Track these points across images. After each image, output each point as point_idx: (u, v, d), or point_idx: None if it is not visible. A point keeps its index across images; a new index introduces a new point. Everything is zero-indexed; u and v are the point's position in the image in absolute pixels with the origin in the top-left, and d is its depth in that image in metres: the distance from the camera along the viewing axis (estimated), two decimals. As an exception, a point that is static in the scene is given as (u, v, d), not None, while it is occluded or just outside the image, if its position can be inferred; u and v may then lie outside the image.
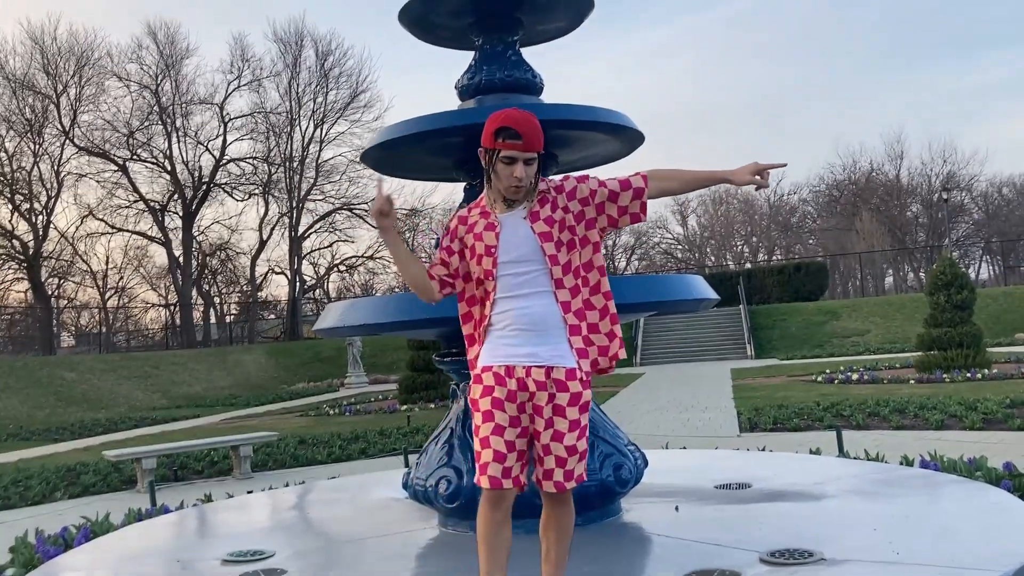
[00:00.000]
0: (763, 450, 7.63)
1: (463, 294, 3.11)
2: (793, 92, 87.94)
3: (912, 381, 15.47)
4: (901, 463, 6.31)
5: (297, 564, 4.27)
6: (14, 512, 8.46)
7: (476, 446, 2.93)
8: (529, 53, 5.29)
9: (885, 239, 53.96)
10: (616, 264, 63.18)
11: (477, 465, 2.92)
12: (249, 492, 7.41)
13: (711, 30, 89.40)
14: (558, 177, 3.11)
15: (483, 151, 2.93)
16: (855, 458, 6.68)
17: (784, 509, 4.68)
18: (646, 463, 4.80)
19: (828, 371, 18.59)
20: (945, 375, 15.54)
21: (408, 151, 4.76)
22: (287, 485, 7.60)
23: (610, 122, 4.71)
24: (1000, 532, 3.92)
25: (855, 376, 16.71)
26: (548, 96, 5.18)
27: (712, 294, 4.51)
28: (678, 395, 16.24)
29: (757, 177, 2.98)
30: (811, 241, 63.74)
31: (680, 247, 66.48)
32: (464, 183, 5.08)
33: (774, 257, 61.14)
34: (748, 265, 55.86)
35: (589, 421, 3.08)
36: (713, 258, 65.31)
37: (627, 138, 4.93)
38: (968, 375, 15.28)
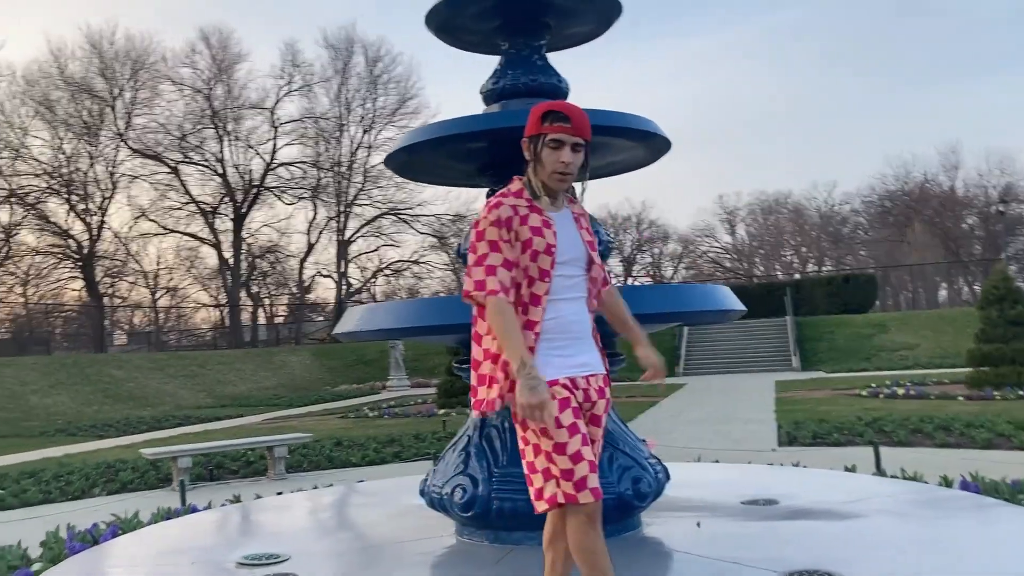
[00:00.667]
0: (797, 465, 7.46)
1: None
2: (844, 101, 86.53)
3: (961, 398, 15.03)
4: (940, 483, 6.11)
5: (311, 568, 4.26)
6: (53, 506, 8.62)
7: (564, 464, 2.68)
8: (554, 58, 5.25)
9: (938, 251, 52.75)
10: (663, 272, 62.73)
11: (567, 483, 2.68)
12: (279, 493, 7.45)
13: (761, 38, 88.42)
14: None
15: (527, 141, 2.85)
16: (891, 476, 6.49)
17: (810, 528, 4.54)
18: (668, 477, 4.70)
19: (874, 385, 18.18)
20: (996, 392, 15.07)
21: (432, 156, 4.73)
22: (315, 487, 7.63)
23: (639, 129, 4.63)
24: (1035, 559, 3.76)
25: (901, 391, 16.31)
26: (574, 101, 5.11)
27: (738, 305, 4.38)
28: (719, 406, 16.00)
29: (650, 370, 2.98)
30: (862, 252, 62.58)
31: (728, 256, 65.76)
32: (487, 189, 5.03)
33: (824, 268, 60.14)
34: (796, 276, 55.00)
35: (609, 433, 3.03)
36: (762, 268, 64.45)
37: (654, 145, 4.86)
38: (1020, 393, 14.81)
